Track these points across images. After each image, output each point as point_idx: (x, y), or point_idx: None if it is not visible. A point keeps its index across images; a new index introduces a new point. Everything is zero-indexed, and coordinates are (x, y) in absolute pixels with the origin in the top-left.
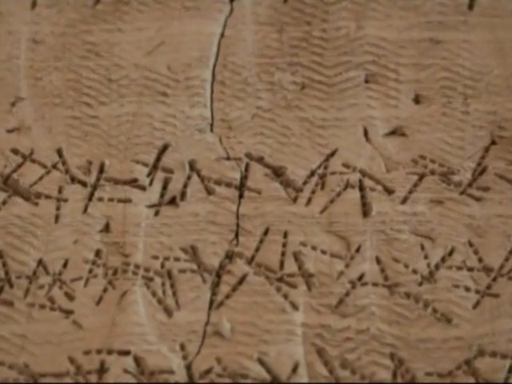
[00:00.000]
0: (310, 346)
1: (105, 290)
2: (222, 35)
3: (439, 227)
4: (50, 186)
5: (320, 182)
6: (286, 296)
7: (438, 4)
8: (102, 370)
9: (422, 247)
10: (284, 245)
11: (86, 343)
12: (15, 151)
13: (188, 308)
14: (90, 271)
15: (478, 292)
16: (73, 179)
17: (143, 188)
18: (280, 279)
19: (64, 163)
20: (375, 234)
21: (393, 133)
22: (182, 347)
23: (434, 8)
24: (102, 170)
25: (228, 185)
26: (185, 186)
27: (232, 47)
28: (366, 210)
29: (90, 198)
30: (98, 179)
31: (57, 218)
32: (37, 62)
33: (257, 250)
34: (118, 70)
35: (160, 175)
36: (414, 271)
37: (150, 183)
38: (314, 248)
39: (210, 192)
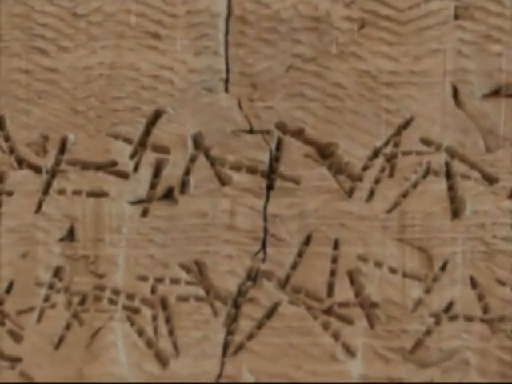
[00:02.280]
0: None
1: (68, 327)
2: None
3: None
4: None
5: (387, 166)
6: (336, 336)
7: None
8: None
9: None
10: (334, 260)
11: None
12: None
13: (191, 354)
14: (46, 299)
15: None
16: (20, 162)
17: (125, 175)
18: (328, 311)
19: (7, 139)
20: (470, 244)
21: (496, 93)
22: None
23: None
24: (63, 148)
25: (251, 171)
26: (187, 172)
27: None
28: (456, 208)
29: (46, 190)
30: (57, 162)
31: None
32: None
33: (294, 267)
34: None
35: (150, 156)
36: None
37: (136, 168)
38: (378, 264)
39: (224, 181)
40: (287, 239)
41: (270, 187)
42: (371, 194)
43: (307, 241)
